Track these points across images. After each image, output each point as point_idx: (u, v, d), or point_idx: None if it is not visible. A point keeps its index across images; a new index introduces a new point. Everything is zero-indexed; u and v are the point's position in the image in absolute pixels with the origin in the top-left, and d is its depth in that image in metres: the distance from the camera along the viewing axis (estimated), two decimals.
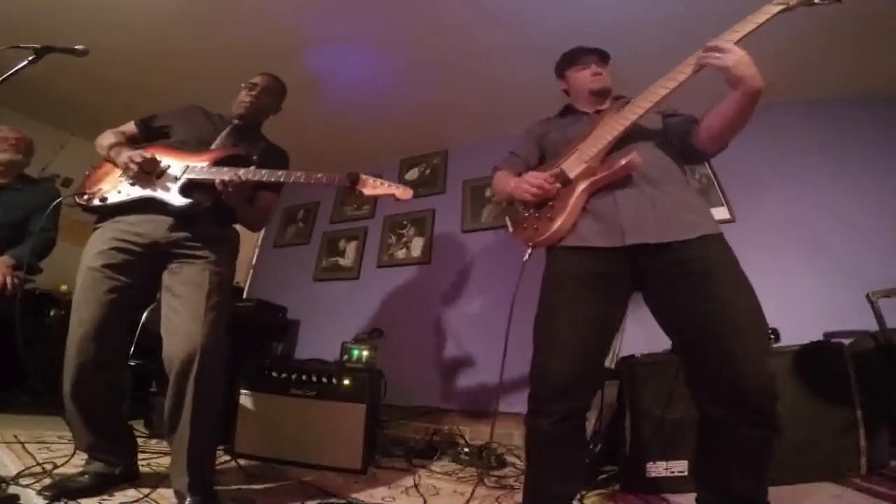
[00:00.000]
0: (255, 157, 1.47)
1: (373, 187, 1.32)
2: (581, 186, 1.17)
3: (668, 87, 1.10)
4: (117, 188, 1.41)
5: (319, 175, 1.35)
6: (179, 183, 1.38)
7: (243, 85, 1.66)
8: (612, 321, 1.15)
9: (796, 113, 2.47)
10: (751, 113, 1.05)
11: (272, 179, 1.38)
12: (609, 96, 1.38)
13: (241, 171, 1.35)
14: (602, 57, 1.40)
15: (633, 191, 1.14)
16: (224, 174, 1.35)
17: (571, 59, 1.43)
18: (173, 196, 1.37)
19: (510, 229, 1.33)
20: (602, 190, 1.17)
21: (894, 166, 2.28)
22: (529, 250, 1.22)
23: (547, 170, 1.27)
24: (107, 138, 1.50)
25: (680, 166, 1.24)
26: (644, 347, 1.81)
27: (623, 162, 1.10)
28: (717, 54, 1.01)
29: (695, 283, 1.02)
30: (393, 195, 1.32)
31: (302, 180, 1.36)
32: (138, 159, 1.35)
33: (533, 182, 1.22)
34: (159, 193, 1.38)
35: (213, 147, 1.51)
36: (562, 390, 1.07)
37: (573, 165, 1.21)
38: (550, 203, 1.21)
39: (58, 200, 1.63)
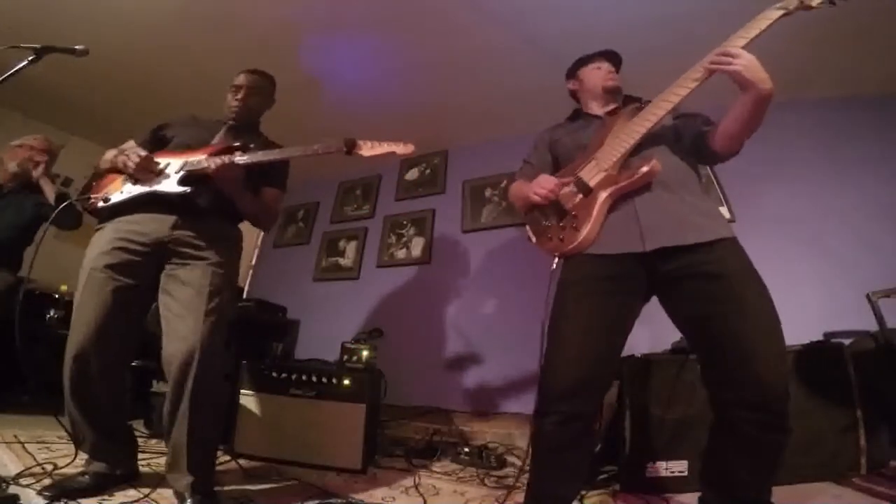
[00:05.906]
0: (252, 146, 1.47)
1: (371, 149, 1.35)
2: (603, 195, 1.18)
3: (681, 94, 1.11)
4: (120, 189, 1.43)
5: (316, 146, 1.36)
6: (178, 175, 1.39)
7: (229, 88, 1.65)
8: (623, 324, 1.15)
9: (797, 113, 2.46)
10: (762, 115, 1.07)
11: (268, 159, 1.39)
12: (619, 96, 1.40)
13: (235, 156, 1.37)
14: (616, 62, 1.44)
15: (651, 196, 1.15)
16: (216, 160, 1.35)
17: (586, 60, 1.46)
18: (171, 185, 1.38)
19: (533, 239, 1.34)
20: (622, 197, 1.18)
21: (894, 166, 2.28)
22: (556, 260, 1.23)
23: (563, 176, 1.28)
24: (110, 152, 1.52)
25: (694, 169, 1.25)
26: (644, 347, 1.81)
27: (645, 170, 1.12)
28: (728, 59, 1.03)
29: (711, 285, 1.03)
30: (394, 152, 1.36)
31: (298, 154, 1.39)
32: (135, 158, 1.37)
33: (544, 185, 1.24)
34: (158, 186, 1.39)
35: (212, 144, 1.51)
36: (568, 391, 1.08)
37: (591, 174, 1.22)
38: (573, 213, 1.22)
39: (67, 202, 1.64)
